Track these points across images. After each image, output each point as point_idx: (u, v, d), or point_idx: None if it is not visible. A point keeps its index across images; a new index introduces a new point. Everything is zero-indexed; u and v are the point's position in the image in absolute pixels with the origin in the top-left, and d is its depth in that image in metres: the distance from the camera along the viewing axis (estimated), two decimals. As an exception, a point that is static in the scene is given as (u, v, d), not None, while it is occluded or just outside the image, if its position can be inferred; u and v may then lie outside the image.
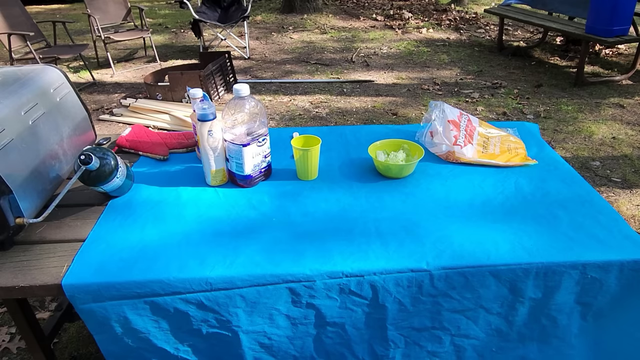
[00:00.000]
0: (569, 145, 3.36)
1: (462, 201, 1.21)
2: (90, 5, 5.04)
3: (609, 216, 1.14)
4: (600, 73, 4.79)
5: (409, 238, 1.07)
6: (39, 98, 1.23)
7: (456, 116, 1.47)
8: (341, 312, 1.03)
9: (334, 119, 3.86)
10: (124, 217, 1.17)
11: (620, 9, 4.03)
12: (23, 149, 1.11)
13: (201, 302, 0.99)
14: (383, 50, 5.73)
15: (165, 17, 8.03)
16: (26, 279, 0.98)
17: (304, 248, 1.05)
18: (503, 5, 5.67)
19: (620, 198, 2.75)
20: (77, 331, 1.87)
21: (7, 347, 1.82)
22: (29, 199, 1.09)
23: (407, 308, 1.03)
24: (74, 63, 5.44)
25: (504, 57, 5.43)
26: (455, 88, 4.50)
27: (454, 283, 1.01)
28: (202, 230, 1.12)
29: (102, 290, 0.96)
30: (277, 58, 5.50)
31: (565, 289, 1.03)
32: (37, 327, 1.33)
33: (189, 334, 1.03)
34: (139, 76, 4.97)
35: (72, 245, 1.08)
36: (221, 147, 1.25)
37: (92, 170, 1.11)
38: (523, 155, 1.40)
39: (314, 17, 7.42)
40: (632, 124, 3.67)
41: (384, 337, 1.07)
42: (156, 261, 1.01)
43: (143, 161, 1.45)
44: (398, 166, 1.30)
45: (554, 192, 1.24)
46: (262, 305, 1.01)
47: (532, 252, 1.03)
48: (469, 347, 1.09)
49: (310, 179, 1.33)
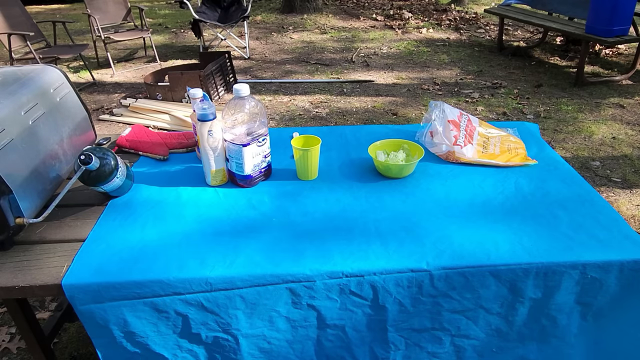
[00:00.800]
0: (569, 145, 3.36)
1: (462, 201, 1.21)
2: (90, 5, 5.04)
3: (609, 216, 1.14)
4: (600, 73, 4.79)
5: (409, 238, 1.07)
6: (39, 98, 1.23)
7: (456, 116, 1.47)
8: (341, 314, 1.03)
9: (334, 119, 3.86)
10: (124, 217, 1.17)
11: (620, 9, 4.03)
12: (23, 149, 1.11)
13: (201, 304, 0.99)
14: (383, 50, 5.73)
15: (165, 17, 8.04)
16: (26, 279, 0.98)
17: (304, 248, 1.05)
18: (503, 5, 5.67)
19: (620, 198, 2.75)
20: (77, 331, 1.87)
21: (7, 347, 1.82)
22: (29, 199, 1.09)
23: (407, 309, 1.03)
24: (74, 63, 5.44)
25: (504, 57, 5.43)
26: (455, 88, 4.50)
27: (454, 283, 1.01)
28: (202, 230, 1.11)
29: (101, 290, 0.96)
30: (277, 58, 5.50)
31: (565, 289, 1.03)
32: (37, 327, 1.33)
33: (188, 338, 1.03)
34: (139, 76, 4.97)
35: (72, 245, 1.08)
36: (221, 147, 1.25)
37: (92, 170, 1.11)
38: (523, 155, 1.40)
39: (314, 17, 7.42)
40: (632, 124, 3.67)
41: (384, 339, 1.07)
42: (156, 261, 1.01)
43: (143, 161, 1.45)
44: (398, 166, 1.30)
45: (554, 192, 1.24)
46: (261, 307, 1.01)
47: (532, 252, 1.03)
48: (469, 348, 1.09)
49: (310, 179, 1.33)
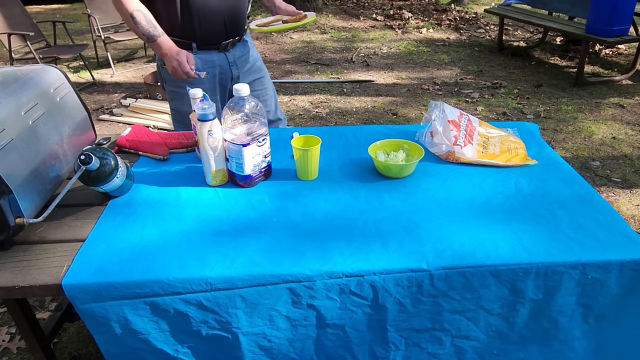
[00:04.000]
0: (569, 145, 3.36)
1: (462, 201, 1.21)
2: (90, 5, 5.04)
3: (609, 216, 1.14)
4: (600, 73, 4.79)
5: (409, 238, 1.07)
6: (39, 98, 1.23)
7: (456, 116, 1.47)
8: (341, 313, 1.03)
9: (334, 119, 3.86)
10: (124, 217, 1.17)
11: (620, 9, 4.03)
12: (23, 149, 1.11)
13: (201, 303, 0.99)
14: (383, 50, 5.73)
15: (165, 17, 8.02)
16: (26, 279, 0.98)
17: (304, 248, 1.05)
18: (503, 5, 5.67)
19: (620, 198, 2.75)
20: (77, 331, 1.87)
21: (7, 347, 1.82)
22: (29, 199, 1.09)
23: (407, 309, 1.03)
24: (74, 63, 5.44)
25: (504, 57, 5.43)
26: (455, 88, 4.50)
27: (454, 283, 1.01)
28: (202, 230, 1.11)
29: (102, 290, 0.96)
30: (277, 58, 5.50)
31: (565, 290, 1.03)
32: (37, 327, 1.33)
33: (189, 335, 1.03)
34: (139, 76, 4.97)
35: (72, 245, 1.08)
36: (221, 147, 1.25)
37: (92, 170, 1.11)
38: (523, 155, 1.40)
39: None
40: (632, 124, 3.67)
41: (384, 339, 1.07)
42: (156, 261, 1.01)
43: (143, 161, 1.45)
44: (398, 166, 1.30)
45: (554, 192, 1.24)
46: (262, 306, 1.01)
47: (532, 252, 1.02)
48: (470, 349, 1.09)
49: (310, 179, 1.33)
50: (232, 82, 1.85)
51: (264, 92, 1.96)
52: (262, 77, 1.95)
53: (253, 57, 1.90)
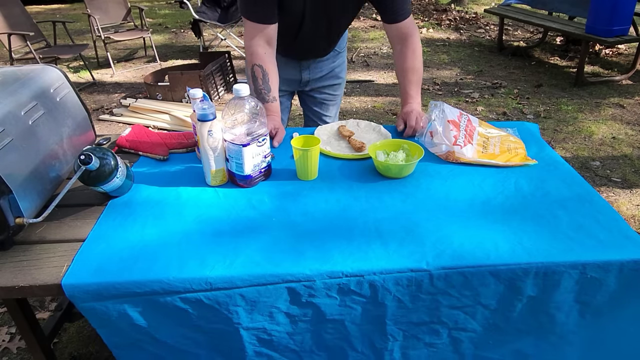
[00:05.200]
0: (569, 145, 3.36)
1: (462, 201, 1.21)
2: (90, 5, 5.04)
3: (609, 216, 1.14)
4: (600, 73, 4.79)
5: (408, 238, 1.07)
6: (39, 98, 1.23)
7: (456, 116, 1.47)
8: (341, 310, 1.03)
9: (334, 119, 3.85)
10: (124, 217, 1.17)
11: (620, 9, 4.03)
12: (23, 149, 1.11)
13: (201, 301, 0.99)
14: (383, 50, 5.73)
15: (165, 17, 8.04)
16: (26, 279, 0.98)
17: (304, 248, 1.05)
18: (503, 5, 5.67)
19: (620, 198, 2.75)
20: (77, 331, 1.87)
21: (7, 347, 1.83)
22: (29, 199, 1.09)
23: (406, 305, 1.04)
24: (74, 63, 5.44)
25: (504, 57, 5.43)
26: (455, 88, 4.50)
27: (453, 282, 1.01)
28: (202, 230, 1.12)
29: (102, 290, 0.96)
30: (277, 58, 5.49)
31: (564, 289, 1.03)
32: (37, 327, 1.34)
33: (190, 328, 1.03)
34: (139, 76, 4.97)
35: (72, 245, 1.08)
36: (221, 147, 1.25)
37: (92, 170, 1.11)
38: (523, 155, 1.40)
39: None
40: (632, 124, 3.67)
41: (382, 332, 1.08)
42: (156, 261, 1.01)
43: (143, 161, 1.45)
44: (398, 166, 1.30)
45: (554, 192, 1.24)
46: (262, 304, 1.01)
47: (531, 252, 1.02)
48: (466, 340, 1.10)
49: (310, 179, 1.33)
50: (300, 86, 1.86)
51: (332, 98, 1.94)
52: (335, 85, 1.91)
53: (330, 65, 1.85)
